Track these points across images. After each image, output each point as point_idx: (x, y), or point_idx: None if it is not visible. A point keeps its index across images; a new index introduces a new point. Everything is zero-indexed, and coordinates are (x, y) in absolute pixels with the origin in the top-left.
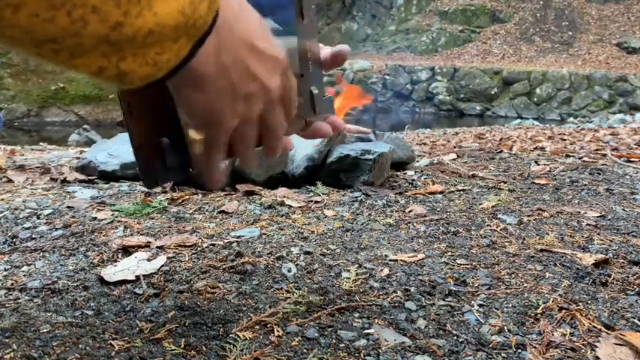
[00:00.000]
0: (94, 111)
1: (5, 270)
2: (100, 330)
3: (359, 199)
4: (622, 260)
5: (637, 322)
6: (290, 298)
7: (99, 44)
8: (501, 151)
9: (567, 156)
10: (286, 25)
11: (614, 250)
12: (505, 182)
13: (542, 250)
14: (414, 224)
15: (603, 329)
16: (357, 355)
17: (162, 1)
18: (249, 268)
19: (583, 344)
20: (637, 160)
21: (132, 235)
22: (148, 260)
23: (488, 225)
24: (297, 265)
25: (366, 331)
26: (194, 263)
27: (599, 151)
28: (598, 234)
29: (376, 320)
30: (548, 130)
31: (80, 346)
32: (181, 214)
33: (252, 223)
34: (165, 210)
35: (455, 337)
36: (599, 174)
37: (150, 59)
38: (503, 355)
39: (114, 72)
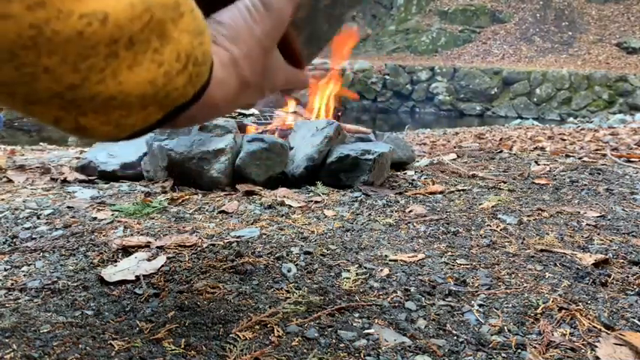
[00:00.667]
0: None
1: (5, 270)
2: (100, 330)
3: (359, 199)
4: (622, 260)
5: (637, 322)
6: (290, 298)
7: (53, 98)
8: (501, 151)
9: (567, 156)
10: None
11: (614, 250)
12: (505, 182)
13: (542, 250)
14: (414, 224)
15: (603, 329)
16: (357, 355)
17: (131, 71)
18: (249, 268)
19: (583, 344)
20: (637, 160)
21: (132, 235)
22: (148, 260)
23: (488, 225)
24: (297, 265)
25: (366, 331)
26: (194, 263)
27: (599, 151)
28: (598, 234)
29: (376, 320)
30: (548, 130)
31: (80, 346)
32: (181, 214)
33: (252, 223)
34: (165, 210)
35: (455, 337)
36: (599, 174)
37: (112, 120)
38: (503, 355)
39: (72, 125)
